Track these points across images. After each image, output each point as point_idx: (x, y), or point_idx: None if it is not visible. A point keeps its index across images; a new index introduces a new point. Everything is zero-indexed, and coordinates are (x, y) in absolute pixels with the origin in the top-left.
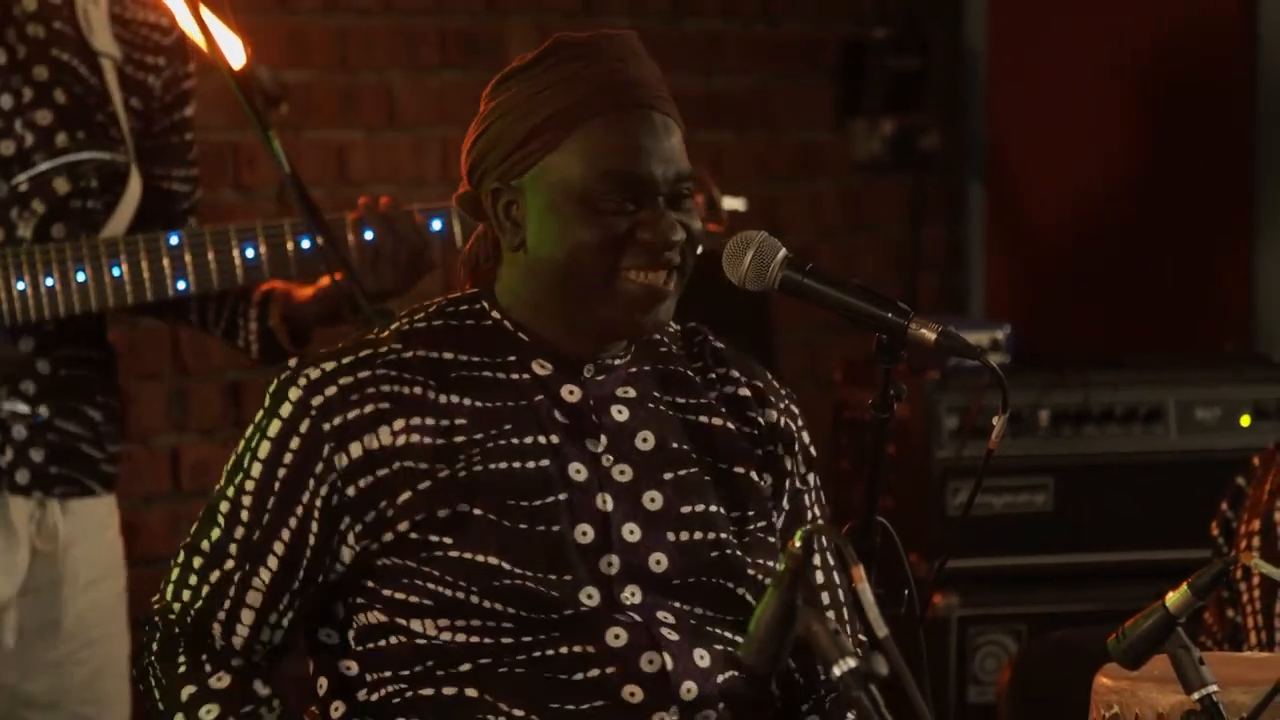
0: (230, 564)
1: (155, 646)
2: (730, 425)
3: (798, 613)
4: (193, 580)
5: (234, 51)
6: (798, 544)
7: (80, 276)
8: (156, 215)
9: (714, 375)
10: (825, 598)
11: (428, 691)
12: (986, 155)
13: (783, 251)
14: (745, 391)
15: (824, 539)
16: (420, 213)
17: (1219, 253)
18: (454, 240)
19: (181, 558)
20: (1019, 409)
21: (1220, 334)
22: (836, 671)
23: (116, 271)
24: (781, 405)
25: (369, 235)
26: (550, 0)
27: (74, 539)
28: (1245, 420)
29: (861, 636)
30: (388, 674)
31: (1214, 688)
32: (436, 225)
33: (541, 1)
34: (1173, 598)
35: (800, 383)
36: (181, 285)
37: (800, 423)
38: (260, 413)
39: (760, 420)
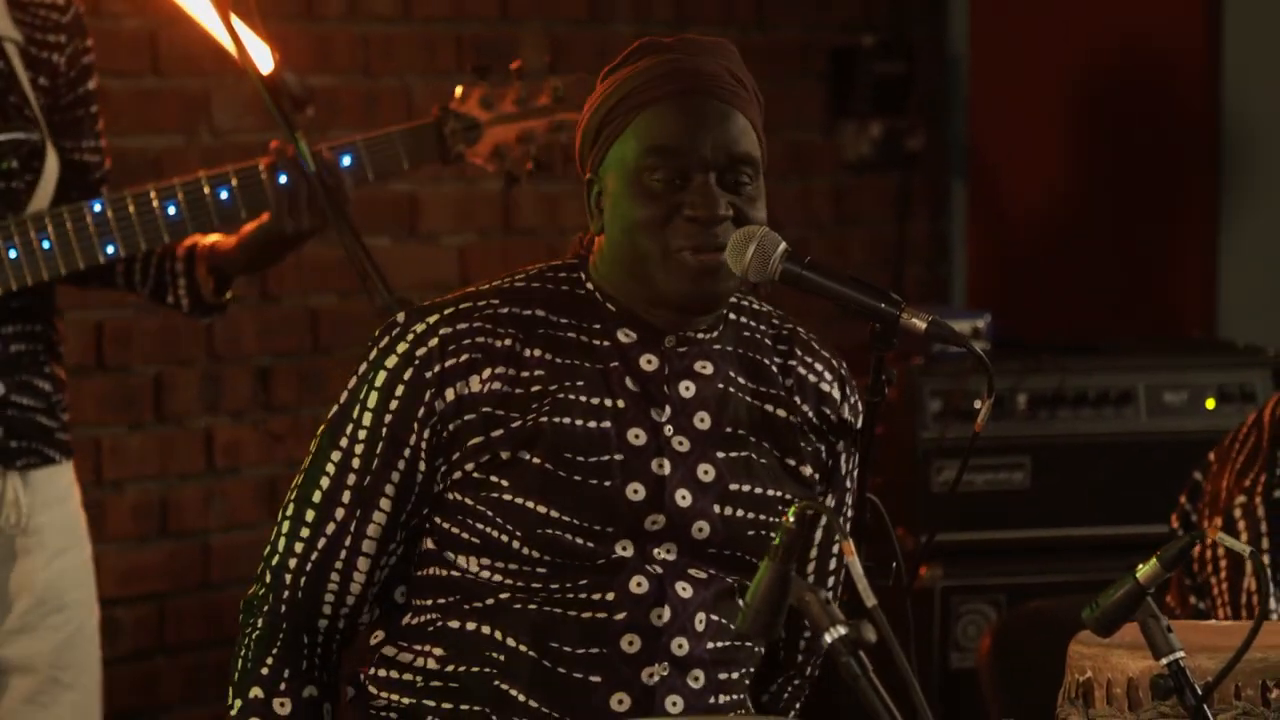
0: (342, 512)
1: (260, 624)
2: (794, 419)
3: (791, 584)
4: (305, 533)
5: (263, 57)
6: (791, 519)
7: (12, 254)
8: (71, 187)
9: (794, 362)
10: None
11: (454, 624)
12: (968, 155)
13: (783, 245)
14: (829, 386)
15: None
16: (329, 150)
17: (1186, 246)
18: (365, 174)
19: (291, 511)
20: (999, 392)
21: (1187, 323)
22: (827, 639)
23: (46, 244)
24: (853, 400)
25: (283, 179)
26: (561, 10)
27: (37, 508)
28: (1210, 403)
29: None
30: (427, 601)
31: (1181, 653)
32: (346, 161)
33: (552, 10)
34: (1142, 569)
35: None
36: (110, 249)
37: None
38: (364, 365)
39: (832, 417)
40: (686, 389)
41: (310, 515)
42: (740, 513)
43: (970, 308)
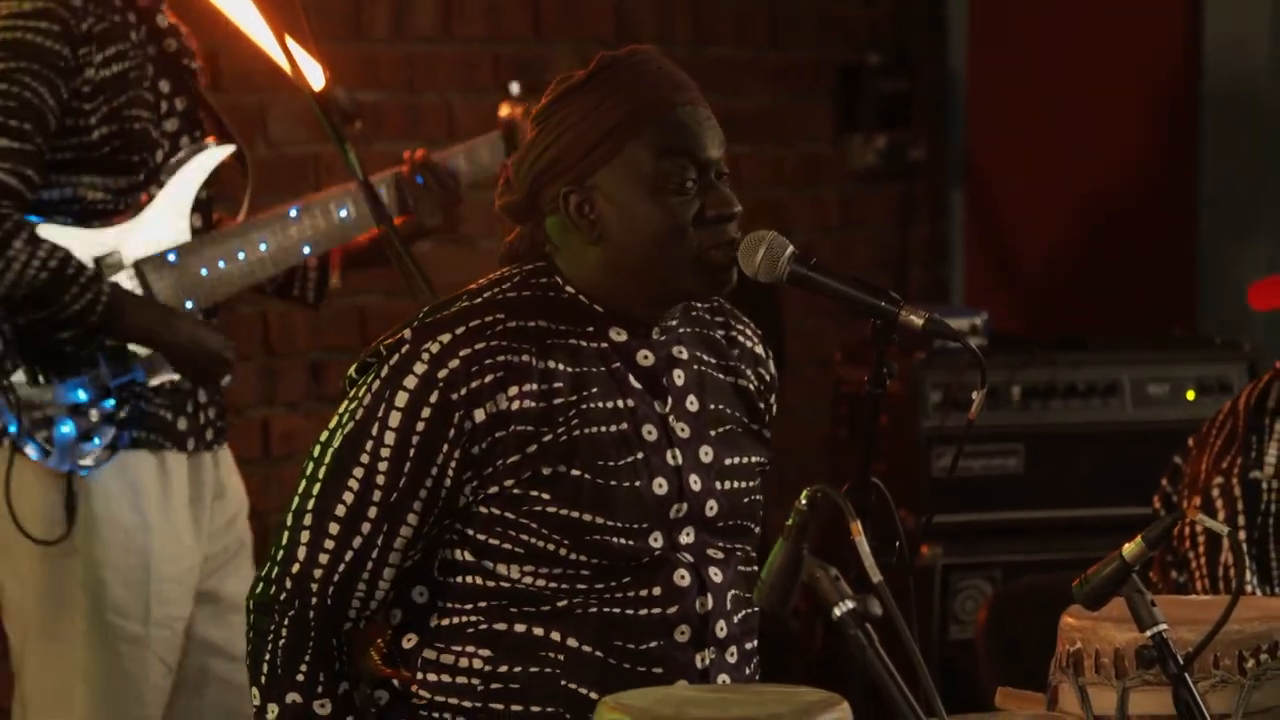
0: (369, 526)
1: (285, 631)
2: (751, 386)
3: (804, 561)
4: (329, 545)
5: (314, 74)
6: (804, 502)
7: (240, 256)
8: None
9: (734, 332)
10: None
11: (501, 626)
12: (966, 165)
13: (790, 248)
14: (758, 348)
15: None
16: (445, 158)
17: (1169, 250)
18: (459, 175)
19: (310, 522)
20: (994, 385)
21: (1169, 320)
22: (837, 612)
23: (264, 247)
24: (771, 356)
25: (420, 180)
26: (588, 30)
27: (227, 481)
28: (1190, 395)
29: None
30: (467, 606)
31: (1164, 626)
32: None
33: (580, 31)
34: (1128, 548)
35: (804, 362)
36: (306, 250)
37: None
38: (379, 383)
39: (765, 375)
40: (678, 377)
41: (334, 529)
42: (735, 484)
43: (968, 306)
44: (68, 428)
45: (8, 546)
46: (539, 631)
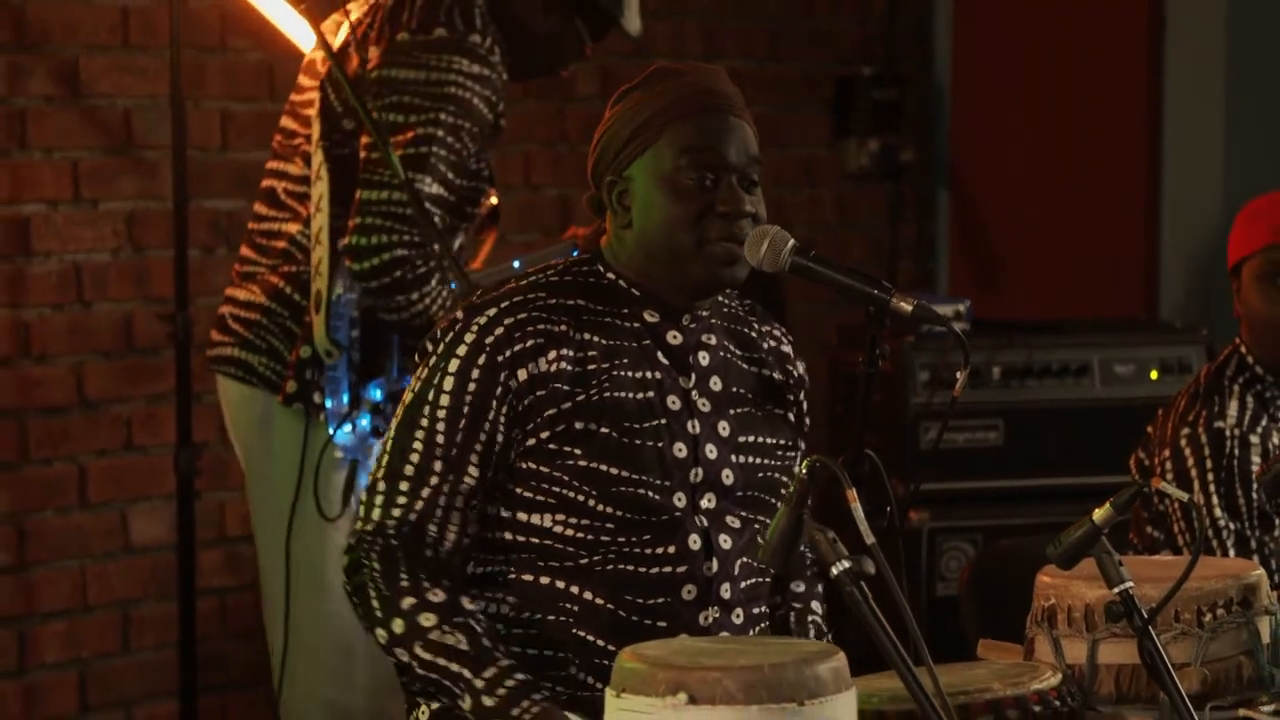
0: (435, 479)
1: (376, 563)
2: (777, 376)
3: (804, 525)
4: (401, 500)
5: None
6: (803, 471)
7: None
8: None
9: (764, 331)
10: None
11: (528, 577)
12: (951, 168)
13: (792, 241)
14: (787, 349)
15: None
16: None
17: (1132, 243)
18: None
19: (383, 485)
20: (976, 365)
21: (1134, 307)
22: (834, 571)
23: None
24: (800, 361)
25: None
26: (609, 46)
27: None
28: (1154, 375)
29: None
30: (499, 557)
31: (1130, 584)
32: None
33: (601, 48)
34: (1098, 513)
35: (804, 345)
36: None
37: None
38: (435, 357)
39: (794, 372)
40: (703, 358)
41: (404, 485)
42: (751, 459)
43: (953, 294)
44: (365, 421)
45: (301, 520)
46: (560, 584)
